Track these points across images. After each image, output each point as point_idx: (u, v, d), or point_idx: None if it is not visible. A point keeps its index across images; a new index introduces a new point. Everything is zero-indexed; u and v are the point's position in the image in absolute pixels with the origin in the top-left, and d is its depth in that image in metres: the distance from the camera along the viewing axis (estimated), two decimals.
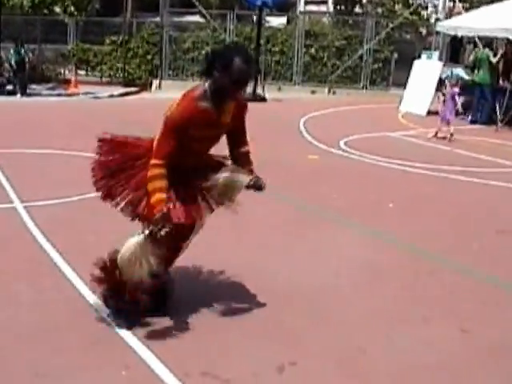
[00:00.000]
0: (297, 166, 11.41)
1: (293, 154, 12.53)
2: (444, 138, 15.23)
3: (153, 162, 4.52)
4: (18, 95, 22.63)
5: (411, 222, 8.28)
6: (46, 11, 27.76)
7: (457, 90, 15.48)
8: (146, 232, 4.48)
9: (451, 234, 7.88)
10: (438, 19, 25.47)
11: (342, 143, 13.88)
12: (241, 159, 4.98)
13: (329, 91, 26.37)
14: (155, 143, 4.61)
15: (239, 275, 5.92)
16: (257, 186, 4.87)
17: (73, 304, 5.32)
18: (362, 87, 27.00)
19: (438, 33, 23.14)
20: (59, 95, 23.58)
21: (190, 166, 4.76)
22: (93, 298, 5.34)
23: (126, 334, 4.82)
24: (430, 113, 19.25)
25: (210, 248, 6.52)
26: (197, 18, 29.45)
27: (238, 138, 4.92)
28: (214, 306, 5.32)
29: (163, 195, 4.47)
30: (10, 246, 6.78)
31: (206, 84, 4.56)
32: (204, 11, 27.70)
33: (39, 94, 23.46)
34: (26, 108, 19.80)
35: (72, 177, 9.06)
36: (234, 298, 5.50)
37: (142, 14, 32.01)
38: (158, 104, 4.75)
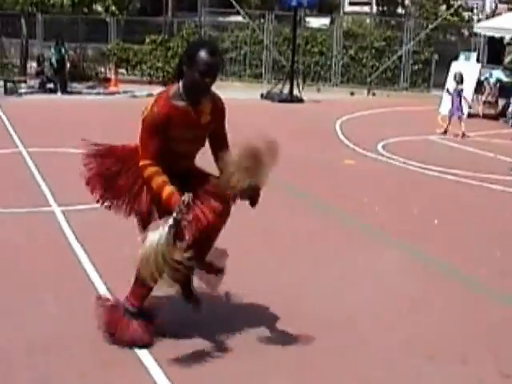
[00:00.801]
0: (332, 171, 11.25)
1: (328, 158, 12.39)
2: (456, 135, 15.72)
3: (142, 163, 4.51)
4: (59, 93, 22.86)
5: (457, 244, 7.62)
6: (85, 10, 27.91)
7: (461, 87, 16.19)
8: (169, 222, 4.33)
9: (502, 259, 7.10)
10: (478, 20, 25.17)
11: (379, 147, 13.71)
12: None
13: (368, 93, 26.21)
14: (139, 146, 4.59)
15: (264, 298, 5.63)
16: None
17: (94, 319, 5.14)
18: (402, 89, 26.77)
19: (476, 34, 22.86)
20: (98, 94, 23.78)
21: (183, 169, 4.75)
22: None
23: (142, 352, 4.68)
24: (470, 115, 18.93)
25: (237, 261, 6.42)
26: (238, 18, 29.43)
27: (219, 142, 4.79)
28: (235, 332, 5.09)
29: (170, 187, 4.42)
30: (44, 251, 6.73)
31: (180, 83, 4.56)
32: (242, 11, 27.67)
33: (79, 93, 23.69)
34: (66, 106, 19.98)
35: None
36: (256, 324, 5.22)
37: (183, 14, 32.11)
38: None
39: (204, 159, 4.93)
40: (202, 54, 4.39)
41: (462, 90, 16.28)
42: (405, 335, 5.18)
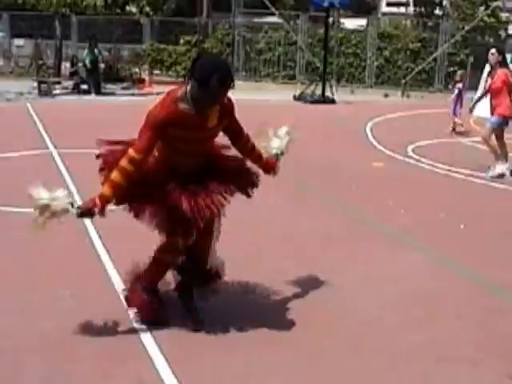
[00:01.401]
0: (360, 173, 11.10)
1: (356, 160, 12.26)
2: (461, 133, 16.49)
3: (130, 152, 4.49)
4: (93, 94, 23.03)
5: (483, 249, 7.40)
6: (119, 11, 28.09)
7: (460, 85, 17.12)
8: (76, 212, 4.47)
9: None
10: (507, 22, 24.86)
11: (409, 149, 13.55)
12: (250, 155, 5.09)
13: (402, 94, 25.99)
14: (137, 137, 4.58)
15: (281, 295, 5.67)
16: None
17: (110, 316, 5.21)
18: (437, 90, 26.52)
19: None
20: (133, 95, 23.89)
21: (191, 166, 4.77)
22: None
23: (150, 348, 4.72)
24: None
25: (254, 260, 6.47)
26: (274, 19, 29.39)
27: (236, 135, 4.94)
28: (247, 328, 5.06)
29: (108, 192, 4.45)
30: (68, 250, 6.79)
31: (188, 86, 4.51)
32: (276, 12, 27.62)
33: (113, 94, 23.84)
34: (99, 107, 20.10)
35: None
36: (270, 321, 5.21)
37: (218, 14, 32.17)
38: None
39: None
40: (215, 83, 4.34)
41: (461, 88, 17.15)
42: (418, 338, 5.12)
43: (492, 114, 11.36)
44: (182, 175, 4.72)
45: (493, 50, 11.46)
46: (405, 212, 8.77)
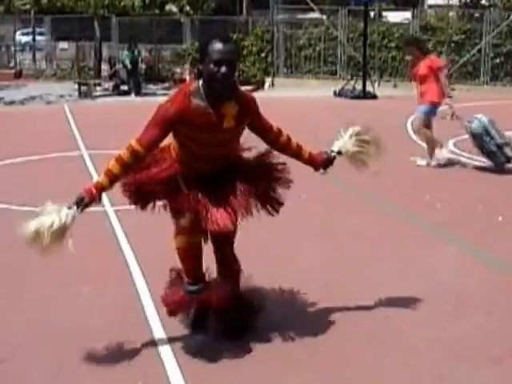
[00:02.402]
0: (395, 168, 10.77)
1: (393, 154, 11.83)
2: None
3: (133, 144, 4.24)
4: (133, 95, 23.00)
5: None
6: (157, 11, 28.07)
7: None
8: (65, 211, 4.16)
9: None
10: None
11: (450, 143, 13.12)
12: (284, 151, 4.70)
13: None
14: (144, 128, 4.32)
15: (311, 291, 5.51)
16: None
17: (127, 315, 5.18)
18: (483, 83, 25.90)
19: None
20: None
21: (210, 171, 4.43)
22: (152, 313, 5.20)
23: (166, 356, 4.56)
24: None
25: (290, 257, 6.37)
26: (314, 15, 29.07)
27: (265, 133, 4.58)
28: (268, 327, 4.88)
29: (106, 182, 4.20)
30: (93, 249, 6.71)
31: (200, 81, 4.25)
32: (315, 7, 27.29)
33: (154, 94, 23.75)
34: (137, 108, 19.88)
35: None
36: (292, 321, 5.06)
37: (259, 12, 31.96)
38: (271, 103, 4.39)
39: None
40: (214, 43, 4.15)
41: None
42: (441, 335, 4.93)
43: (422, 101, 10.99)
44: (198, 180, 4.40)
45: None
46: (441, 206, 8.57)
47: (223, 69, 4.11)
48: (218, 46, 4.12)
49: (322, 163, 4.80)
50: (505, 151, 10.50)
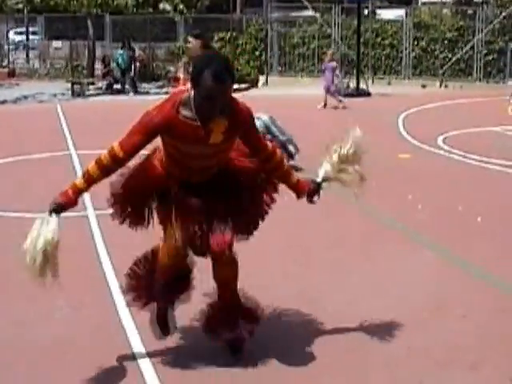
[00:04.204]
0: (382, 165, 10.68)
1: (382, 152, 11.84)
2: (336, 107, 18.43)
3: (115, 147, 4.05)
4: (130, 93, 22.98)
5: (498, 245, 7.02)
6: (151, 9, 28.06)
7: (334, 63, 19.49)
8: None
9: None
10: None
11: (439, 140, 13.14)
12: (272, 173, 4.44)
13: (440, 85, 25.40)
14: (127, 132, 4.15)
15: (287, 301, 5.37)
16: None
17: (103, 325, 5.09)
18: (476, 80, 25.91)
19: None
20: (167, 93, 23.68)
21: (195, 181, 4.24)
22: (128, 322, 5.11)
23: (144, 365, 4.49)
24: None
25: (261, 263, 6.19)
26: (308, 13, 29.05)
27: (254, 147, 4.30)
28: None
29: (82, 185, 4.06)
30: (69, 255, 6.59)
31: (192, 92, 3.95)
32: (309, 5, 27.28)
33: (147, 93, 23.74)
34: (129, 107, 19.78)
35: None
36: (270, 322, 4.95)
37: (252, 10, 31.97)
38: (264, 101, 4.16)
39: None
40: (205, 78, 3.79)
41: (335, 67, 19.37)
42: (419, 340, 4.86)
43: None
44: (185, 188, 4.21)
45: (191, 38, 10.47)
46: (423, 207, 8.42)
47: (214, 104, 3.88)
48: (209, 83, 3.80)
49: (308, 192, 4.52)
50: (288, 148, 10.30)
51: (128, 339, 4.85)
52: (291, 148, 10.39)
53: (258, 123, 10.03)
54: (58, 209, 4.03)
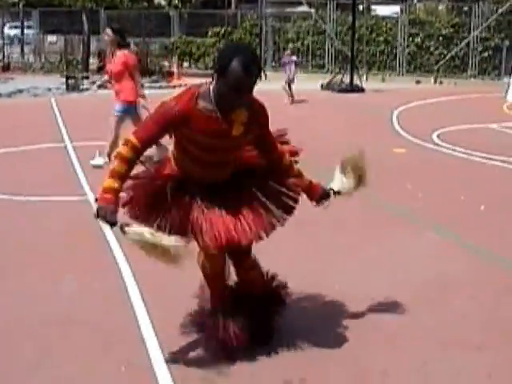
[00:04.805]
0: (379, 159, 10.74)
1: (378, 146, 11.91)
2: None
3: (130, 137, 3.92)
4: None
5: (502, 229, 7.23)
6: (145, 4, 28.04)
7: (294, 58, 19.61)
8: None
9: None
10: None
11: (434, 136, 13.16)
12: (283, 176, 4.33)
13: (435, 81, 25.42)
14: (143, 123, 4.09)
15: (289, 278, 5.23)
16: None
17: (112, 302, 5.18)
18: (471, 76, 25.95)
19: None
20: (160, 87, 23.73)
21: (210, 180, 4.15)
22: (136, 298, 5.22)
23: (149, 340, 4.55)
24: None
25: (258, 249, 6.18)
26: (303, 9, 29.06)
27: (266, 147, 4.21)
28: None
29: (115, 184, 3.83)
30: (78, 236, 6.79)
31: (211, 85, 3.90)
32: (303, 1, 27.30)
33: (141, 87, 23.61)
34: None
35: None
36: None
37: (247, 6, 31.97)
38: (259, 96, 4.13)
39: None
40: (235, 66, 3.71)
41: (293, 61, 19.24)
42: (425, 321, 4.96)
43: (117, 100, 9.77)
44: (199, 188, 4.11)
45: (107, 30, 10.04)
46: (423, 196, 8.59)
47: (239, 96, 3.82)
48: (238, 73, 3.71)
49: (320, 194, 4.50)
50: None
51: (135, 313, 4.97)
52: None
53: None
54: (114, 218, 3.82)
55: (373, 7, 31.56)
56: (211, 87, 3.89)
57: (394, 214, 7.89)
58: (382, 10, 31.92)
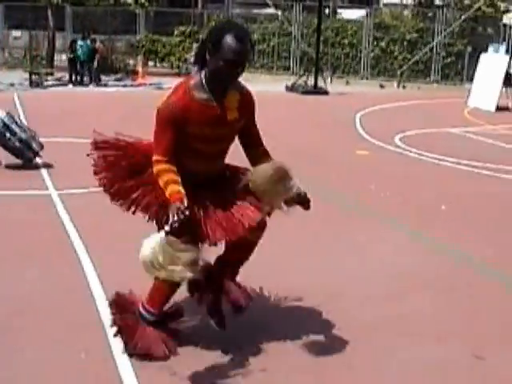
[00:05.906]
0: (344, 161, 10.94)
1: (341, 148, 12.08)
2: None
3: (155, 158, 3.92)
4: (91, 85, 22.85)
5: (462, 227, 7.43)
6: (112, 1, 27.90)
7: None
8: (166, 229, 3.75)
9: (506, 242, 6.97)
10: (507, 11, 24.57)
11: (397, 139, 13.33)
12: (260, 161, 4.22)
13: (398, 85, 25.69)
14: (153, 139, 4.03)
15: (255, 275, 5.24)
16: (301, 198, 4.43)
17: (73, 296, 5.17)
18: (433, 81, 26.25)
19: (505, 25, 22.32)
20: (125, 86, 23.68)
21: (210, 173, 4.17)
22: (98, 292, 5.21)
23: (116, 346, 4.40)
24: (498, 108, 18.52)
25: None
26: (269, 10, 29.14)
27: (251, 140, 4.26)
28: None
29: (177, 186, 3.81)
30: (39, 228, 6.82)
31: (202, 73, 3.93)
32: (270, 2, 27.38)
33: (105, 85, 23.59)
34: (85, 98, 19.88)
35: None
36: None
37: (213, 5, 31.94)
38: None
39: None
40: (229, 39, 3.73)
41: None
42: (384, 313, 5.07)
43: None
44: (193, 185, 4.02)
45: None
46: (386, 196, 8.74)
47: (235, 70, 3.84)
48: (233, 45, 3.74)
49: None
50: (32, 146, 9.73)
51: (96, 305, 4.95)
52: (35, 145, 9.77)
53: None
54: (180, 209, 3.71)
55: (339, 11, 31.76)
56: (203, 76, 3.93)
57: (358, 213, 7.99)
58: (348, 14, 32.10)
